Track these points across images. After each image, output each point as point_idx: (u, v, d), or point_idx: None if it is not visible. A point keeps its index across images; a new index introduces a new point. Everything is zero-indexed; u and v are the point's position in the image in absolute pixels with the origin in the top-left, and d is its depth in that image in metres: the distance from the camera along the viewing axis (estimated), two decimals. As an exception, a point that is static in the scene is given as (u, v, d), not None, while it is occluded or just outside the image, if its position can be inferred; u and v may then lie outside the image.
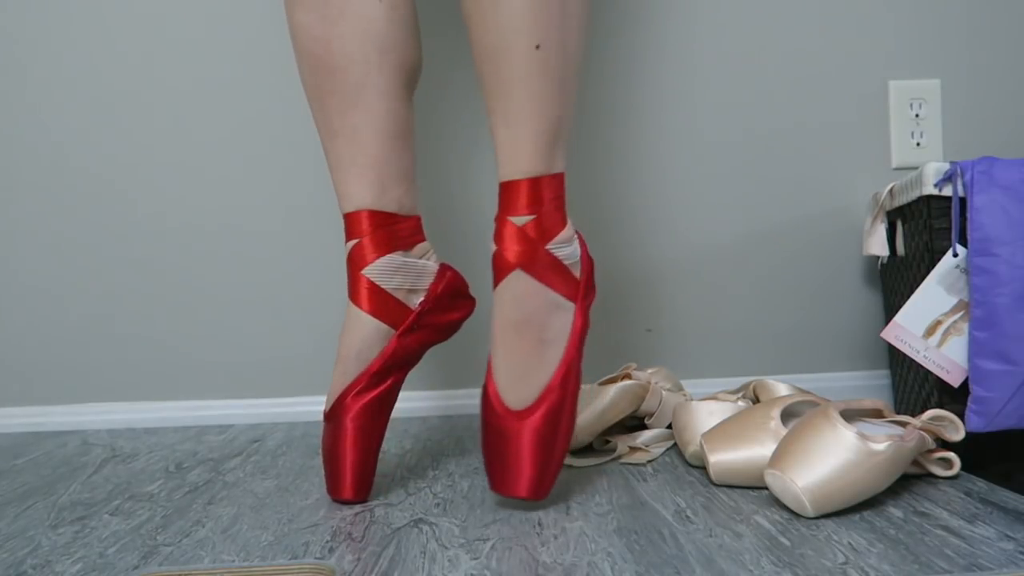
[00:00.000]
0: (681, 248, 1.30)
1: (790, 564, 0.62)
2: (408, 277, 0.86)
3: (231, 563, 0.66)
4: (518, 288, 0.80)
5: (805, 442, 0.74)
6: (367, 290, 0.83)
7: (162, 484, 0.93)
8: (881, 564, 0.61)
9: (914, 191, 1.00)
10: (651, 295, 1.30)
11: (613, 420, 1.01)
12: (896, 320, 0.95)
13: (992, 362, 0.89)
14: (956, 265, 0.93)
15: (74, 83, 1.28)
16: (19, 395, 1.30)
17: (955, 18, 1.29)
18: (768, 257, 1.30)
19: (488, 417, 0.79)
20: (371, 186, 0.85)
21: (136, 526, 0.78)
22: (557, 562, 0.64)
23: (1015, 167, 0.90)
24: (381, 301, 0.84)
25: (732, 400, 0.95)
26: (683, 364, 1.30)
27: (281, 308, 1.30)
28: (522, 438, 0.76)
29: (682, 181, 1.30)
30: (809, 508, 0.71)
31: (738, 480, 0.82)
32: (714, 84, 1.30)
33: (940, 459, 0.84)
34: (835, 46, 1.29)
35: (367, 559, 0.66)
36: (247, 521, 0.78)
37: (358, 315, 0.83)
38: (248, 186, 1.29)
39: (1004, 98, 1.30)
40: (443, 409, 1.29)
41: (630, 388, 1.02)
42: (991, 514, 0.72)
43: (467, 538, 0.70)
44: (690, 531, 0.70)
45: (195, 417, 1.28)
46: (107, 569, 0.66)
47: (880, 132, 1.30)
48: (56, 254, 1.29)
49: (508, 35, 0.77)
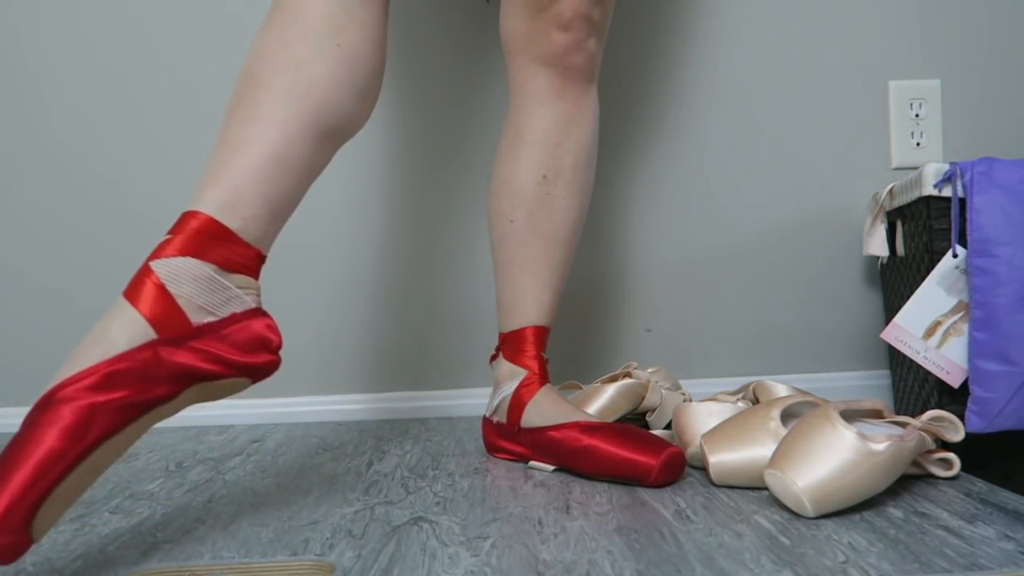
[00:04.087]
0: (681, 248, 1.30)
1: (790, 563, 0.62)
2: (206, 294, 0.70)
3: (231, 560, 0.66)
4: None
5: (805, 442, 0.74)
6: (151, 286, 0.68)
7: (162, 483, 0.93)
8: (881, 563, 0.61)
9: (914, 191, 1.00)
10: (651, 295, 1.30)
11: (613, 418, 1.01)
12: (896, 321, 0.95)
13: (992, 363, 0.89)
14: (956, 266, 0.93)
15: (80, 84, 1.28)
16: (19, 395, 1.30)
17: (955, 18, 1.30)
18: (768, 257, 1.30)
19: None
20: (224, 196, 0.74)
21: (136, 523, 0.78)
22: (557, 560, 0.64)
23: (1015, 168, 0.90)
24: (162, 305, 0.68)
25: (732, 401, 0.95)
26: (683, 364, 1.30)
27: (281, 308, 1.30)
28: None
29: (682, 181, 1.30)
30: (809, 508, 0.71)
31: (738, 480, 0.82)
32: (714, 84, 1.30)
33: (940, 459, 0.84)
34: (835, 46, 1.30)
35: (367, 556, 0.66)
36: (247, 518, 0.78)
37: (124, 310, 0.68)
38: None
39: (1004, 98, 1.30)
40: (443, 409, 1.29)
41: (630, 387, 1.02)
42: (991, 514, 0.72)
43: (467, 536, 0.70)
44: (690, 530, 0.70)
45: (195, 417, 1.28)
46: (107, 566, 0.66)
47: (880, 132, 1.30)
48: (57, 254, 1.29)
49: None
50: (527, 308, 0.98)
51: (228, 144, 0.77)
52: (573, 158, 0.98)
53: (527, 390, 0.95)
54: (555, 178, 0.97)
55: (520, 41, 0.95)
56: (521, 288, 0.98)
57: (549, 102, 0.97)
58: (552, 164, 0.97)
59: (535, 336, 0.98)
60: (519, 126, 0.98)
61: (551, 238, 0.98)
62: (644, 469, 0.83)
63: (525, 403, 0.94)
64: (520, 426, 0.95)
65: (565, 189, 0.98)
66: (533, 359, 0.97)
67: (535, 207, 0.97)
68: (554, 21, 0.93)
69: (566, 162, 0.98)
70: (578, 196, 0.99)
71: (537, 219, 0.97)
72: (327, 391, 1.30)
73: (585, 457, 0.87)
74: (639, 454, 0.84)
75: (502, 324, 1.00)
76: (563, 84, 0.96)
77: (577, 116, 0.98)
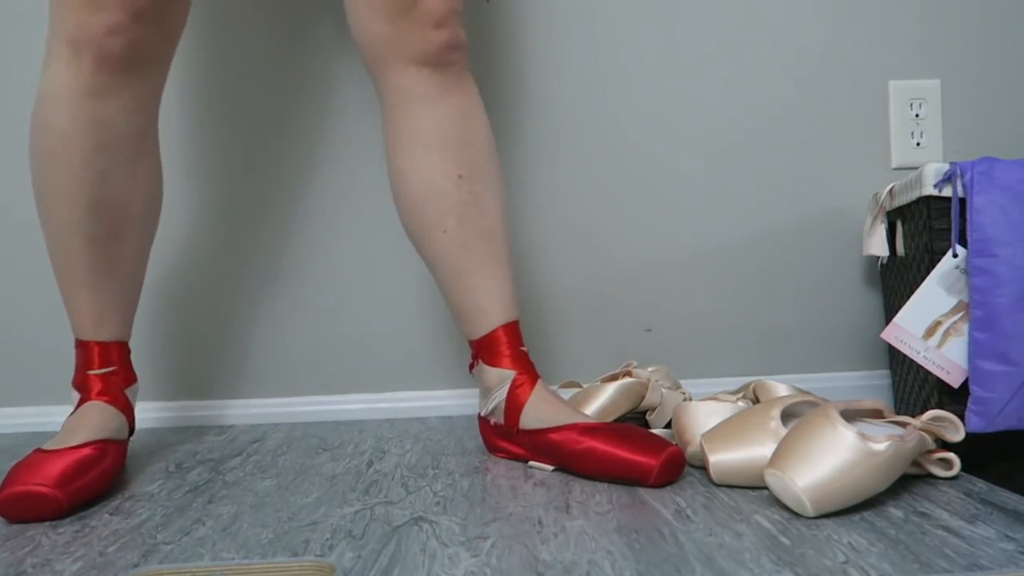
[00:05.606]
0: (681, 248, 1.30)
1: (790, 563, 0.62)
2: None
3: (231, 561, 0.66)
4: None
5: (805, 442, 0.74)
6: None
7: (162, 484, 0.93)
8: (881, 563, 0.61)
9: (914, 191, 1.00)
10: (651, 295, 1.30)
11: (613, 417, 1.01)
12: (896, 321, 0.95)
13: (992, 363, 0.89)
14: (956, 266, 0.93)
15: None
16: (19, 395, 1.30)
17: (955, 18, 1.30)
18: (768, 257, 1.30)
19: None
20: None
21: (136, 525, 0.78)
22: (557, 560, 0.64)
23: (1015, 168, 0.90)
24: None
25: (732, 400, 0.95)
26: (683, 364, 1.30)
27: (281, 309, 1.30)
28: None
29: (682, 181, 1.30)
30: (809, 508, 0.71)
31: (738, 480, 0.82)
32: (714, 84, 1.30)
33: (940, 459, 0.84)
34: (835, 46, 1.30)
35: (367, 556, 0.66)
36: (247, 519, 0.78)
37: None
38: (250, 188, 1.29)
39: (1004, 98, 1.30)
40: (443, 409, 1.29)
41: (630, 386, 1.03)
42: (991, 514, 0.72)
43: (467, 536, 0.70)
44: (690, 530, 0.70)
45: (195, 417, 1.28)
46: (107, 567, 0.66)
47: (880, 132, 1.30)
48: (56, 253, 1.29)
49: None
50: (492, 309, 0.96)
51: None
52: (481, 150, 0.96)
53: (521, 391, 0.94)
54: (471, 175, 0.95)
55: (388, 44, 0.92)
56: (480, 292, 0.96)
57: (440, 101, 0.94)
58: (464, 161, 0.95)
59: (509, 334, 0.96)
60: (413, 132, 0.95)
61: (489, 234, 0.96)
62: (644, 470, 0.83)
63: (522, 405, 0.94)
64: (519, 428, 0.94)
65: (485, 182, 0.96)
66: (516, 359, 0.96)
67: (463, 209, 0.95)
68: (426, 20, 0.90)
69: (476, 157, 0.96)
70: (497, 185, 0.98)
71: (469, 221, 0.95)
72: (327, 391, 1.30)
73: (585, 459, 0.87)
74: (639, 455, 0.84)
75: (470, 332, 0.98)
76: (447, 81, 0.94)
77: (470, 108, 0.96)
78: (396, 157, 0.96)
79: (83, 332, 0.97)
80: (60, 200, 0.92)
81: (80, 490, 0.82)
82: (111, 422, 0.93)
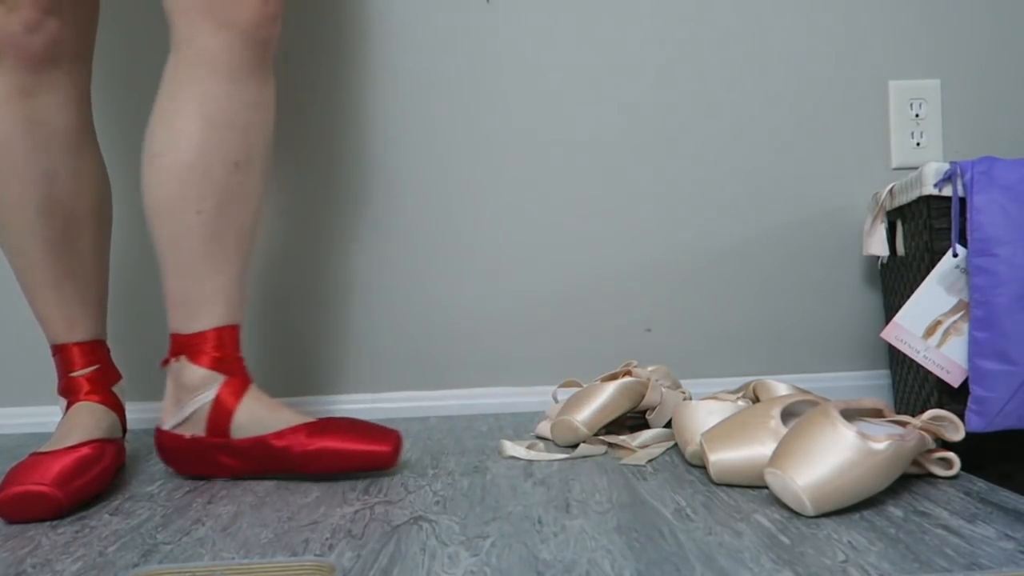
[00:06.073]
0: (681, 248, 1.30)
1: (790, 562, 0.62)
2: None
3: (231, 560, 0.66)
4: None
5: (805, 441, 0.74)
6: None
7: (162, 484, 0.93)
8: (881, 563, 0.61)
9: (914, 191, 1.00)
10: (651, 295, 1.30)
11: (612, 416, 1.01)
12: (896, 320, 0.95)
13: (992, 362, 0.89)
14: (956, 265, 0.93)
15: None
16: (19, 395, 1.30)
17: (955, 18, 1.30)
18: (768, 257, 1.30)
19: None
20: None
21: (136, 525, 0.78)
22: (557, 559, 0.64)
23: (1015, 167, 0.90)
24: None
25: (732, 400, 0.95)
26: (683, 364, 1.30)
27: (281, 309, 1.30)
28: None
29: (682, 181, 1.30)
30: (809, 507, 0.71)
31: (738, 479, 0.82)
32: (714, 84, 1.30)
33: (940, 459, 0.84)
34: (835, 46, 1.30)
35: (367, 556, 0.66)
36: (247, 519, 0.78)
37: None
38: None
39: (1004, 98, 1.30)
40: (443, 409, 1.29)
41: (630, 385, 1.02)
42: (991, 514, 0.72)
43: (467, 535, 0.70)
44: (690, 529, 0.70)
45: (195, 417, 1.28)
46: (107, 567, 0.66)
47: (880, 132, 1.30)
48: (56, 253, 1.29)
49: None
50: (219, 307, 0.90)
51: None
52: (262, 143, 0.92)
53: (232, 397, 0.89)
54: (247, 166, 0.90)
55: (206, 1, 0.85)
56: (212, 286, 0.90)
57: (242, 79, 0.88)
58: (245, 150, 0.89)
59: (232, 337, 0.91)
60: (203, 101, 0.87)
61: (242, 231, 0.91)
62: (382, 457, 0.87)
63: (232, 411, 0.89)
64: (230, 439, 0.89)
65: (257, 177, 0.91)
66: (234, 364, 0.91)
67: (227, 197, 0.89)
68: None
69: (257, 149, 0.91)
70: (264, 185, 0.93)
71: (230, 211, 0.89)
72: (327, 391, 1.30)
73: (318, 459, 0.87)
74: (371, 444, 0.87)
75: (183, 325, 0.91)
76: (254, 59, 0.88)
77: (265, 97, 0.91)
78: (174, 119, 0.88)
79: (57, 336, 0.97)
80: (10, 205, 0.93)
81: (79, 489, 0.82)
82: (103, 421, 0.93)
